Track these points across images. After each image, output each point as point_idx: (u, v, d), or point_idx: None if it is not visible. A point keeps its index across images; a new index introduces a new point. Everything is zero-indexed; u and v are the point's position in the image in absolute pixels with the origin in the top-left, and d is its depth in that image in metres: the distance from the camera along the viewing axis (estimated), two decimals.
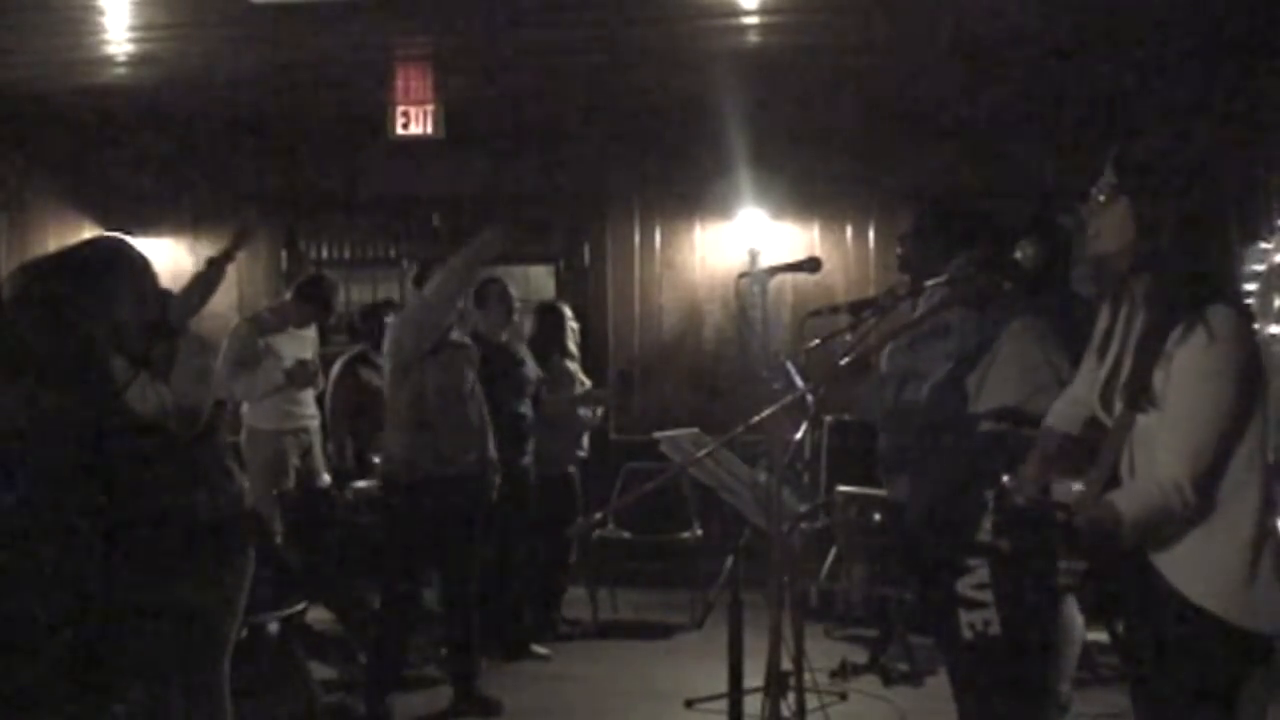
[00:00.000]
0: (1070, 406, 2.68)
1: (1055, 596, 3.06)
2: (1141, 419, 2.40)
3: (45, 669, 2.88)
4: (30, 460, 2.87)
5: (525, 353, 6.16)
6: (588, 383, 6.67)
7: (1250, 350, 2.37)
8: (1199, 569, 2.37)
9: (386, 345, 5.18)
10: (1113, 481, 2.44)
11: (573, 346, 6.62)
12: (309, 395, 6.41)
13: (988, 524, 2.42)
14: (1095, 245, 2.52)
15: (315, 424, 6.45)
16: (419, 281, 5.21)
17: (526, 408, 5.99)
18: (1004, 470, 2.78)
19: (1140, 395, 2.39)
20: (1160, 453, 2.38)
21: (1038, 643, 3.02)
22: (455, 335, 5.23)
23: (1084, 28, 6.19)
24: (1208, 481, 2.35)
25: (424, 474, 4.98)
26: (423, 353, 5.00)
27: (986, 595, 2.87)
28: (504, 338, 6.03)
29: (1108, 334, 2.57)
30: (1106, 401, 2.50)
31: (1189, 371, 2.34)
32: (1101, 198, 2.49)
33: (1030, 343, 2.99)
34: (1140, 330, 2.46)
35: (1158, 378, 2.38)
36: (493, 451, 5.34)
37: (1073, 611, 3.54)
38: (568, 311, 6.76)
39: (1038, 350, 2.98)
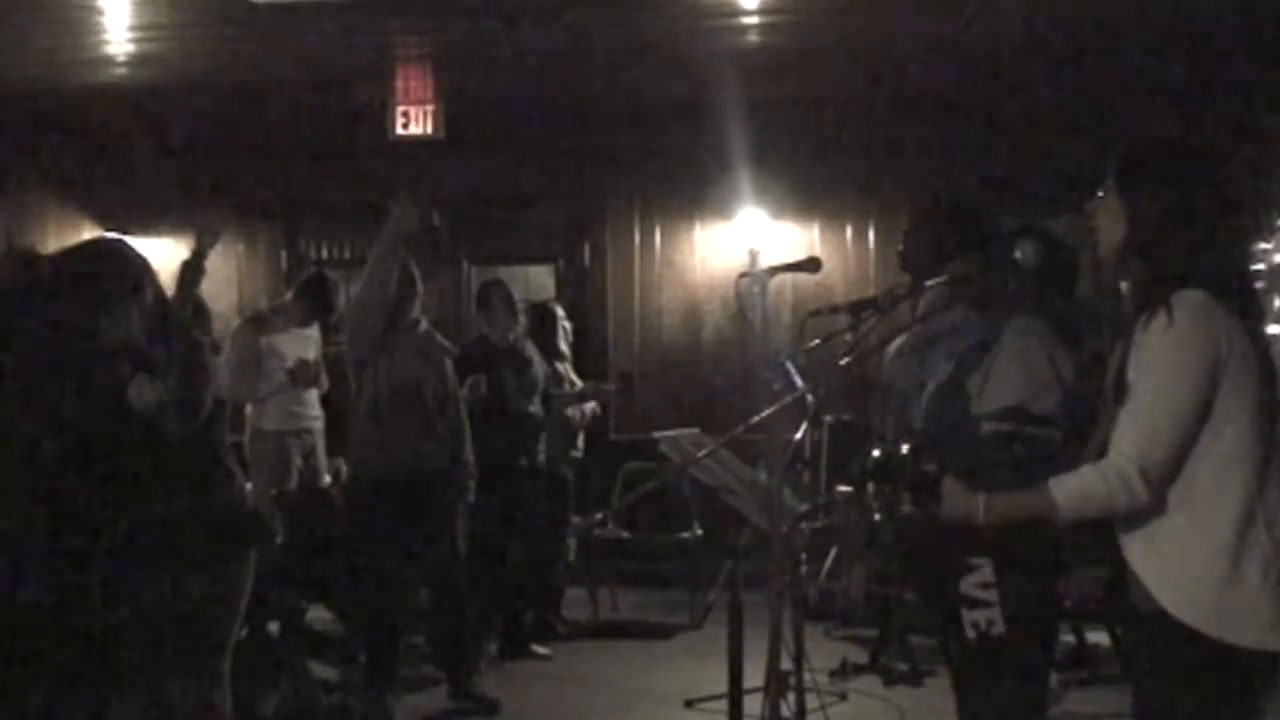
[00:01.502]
0: None
1: (1057, 596, 3.06)
2: (1121, 412, 2.36)
3: (47, 668, 2.89)
4: (32, 460, 2.87)
5: (533, 352, 6.14)
6: (579, 383, 6.65)
7: (1217, 337, 2.27)
8: (1171, 573, 2.30)
9: (345, 344, 5.13)
10: None
11: (564, 347, 6.61)
12: (313, 396, 6.40)
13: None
14: (1097, 241, 2.51)
15: (319, 425, 6.44)
16: None
17: (536, 407, 5.99)
18: (1012, 469, 2.78)
19: (1119, 388, 2.36)
20: (1114, 439, 2.34)
21: (1039, 639, 3.01)
22: (422, 330, 5.17)
23: (1084, 30, 6.19)
24: (1165, 473, 2.28)
25: (383, 475, 4.94)
26: (370, 341, 4.91)
27: (990, 594, 2.87)
28: (511, 339, 6.02)
29: None
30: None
31: (1147, 357, 2.30)
32: (1101, 194, 2.49)
33: (1032, 342, 2.98)
34: (1125, 322, 2.44)
35: (1131, 368, 2.34)
36: (469, 453, 5.27)
37: None
38: (560, 312, 6.75)
39: (1040, 348, 2.98)
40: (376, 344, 4.94)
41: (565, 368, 6.58)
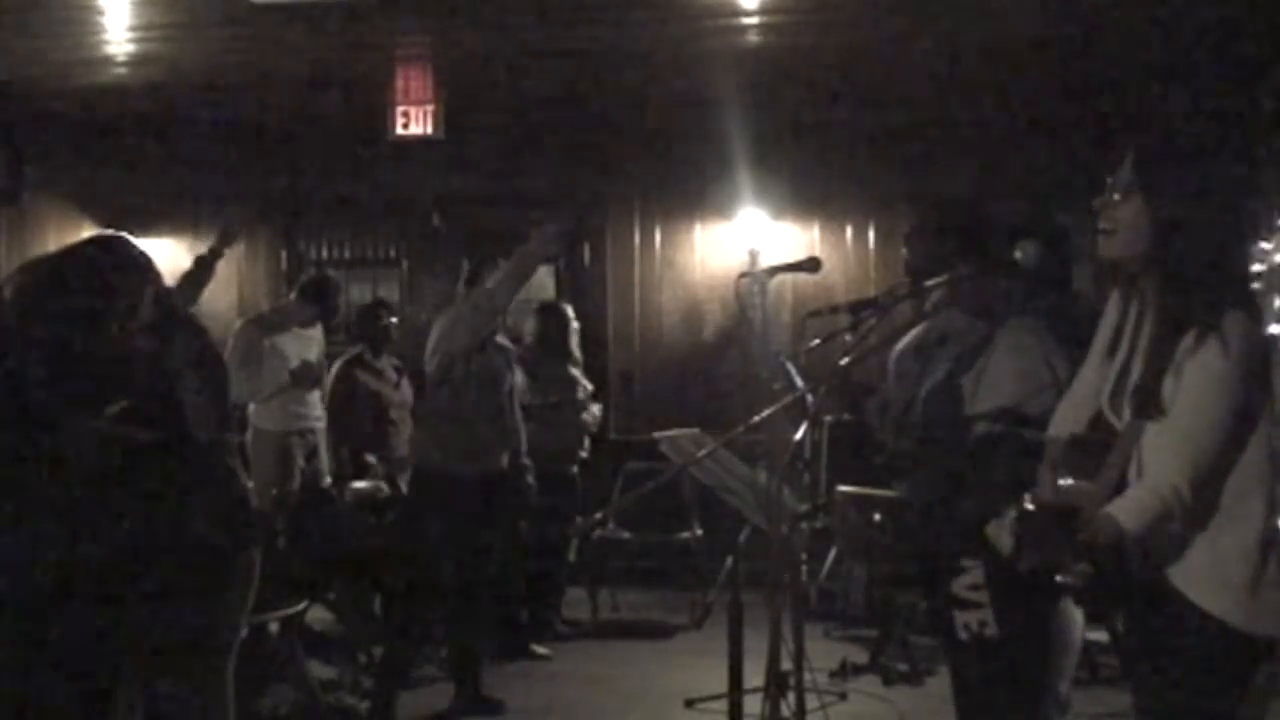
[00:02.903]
0: (1073, 409, 2.63)
1: (1052, 597, 3.06)
2: (1151, 426, 2.38)
3: (48, 669, 2.89)
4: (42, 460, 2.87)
5: (512, 357, 6.12)
6: (589, 386, 6.64)
7: (1261, 357, 2.35)
8: (1204, 573, 2.35)
9: (432, 342, 5.14)
10: (1120, 487, 2.41)
11: (575, 349, 6.60)
12: (315, 396, 6.40)
13: (1002, 536, 2.41)
14: (1108, 243, 2.47)
15: (321, 425, 6.44)
16: (471, 281, 5.22)
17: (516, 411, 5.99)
18: (1005, 470, 2.77)
19: (1149, 403, 2.37)
20: (1160, 454, 2.35)
21: (1034, 642, 3.01)
22: (498, 337, 5.25)
23: (1085, 27, 6.19)
24: (1207, 484, 2.33)
25: (458, 472, 4.99)
26: (472, 350, 5.00)
27: (981, 596, 2.87)
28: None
29: (1117, 331, 2.53)
30: (1115, 402, 2.47)
31: (1200, 381, 2.32)
32: (1116, 195, 2.45)
33: (1027, 342, 2.98)
34: (1151, 335, 2.42)
35: (1167, 385, 2.35)
36: (526, 456, 5.38)
37: (1072, 610, 3.52)
38: (570, 312, 6.75)
39: (1035, 349, 2.97)
40: (474, 349, 5.03)
41: (578, 372, 6.55)
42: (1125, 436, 2.41)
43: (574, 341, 6.58)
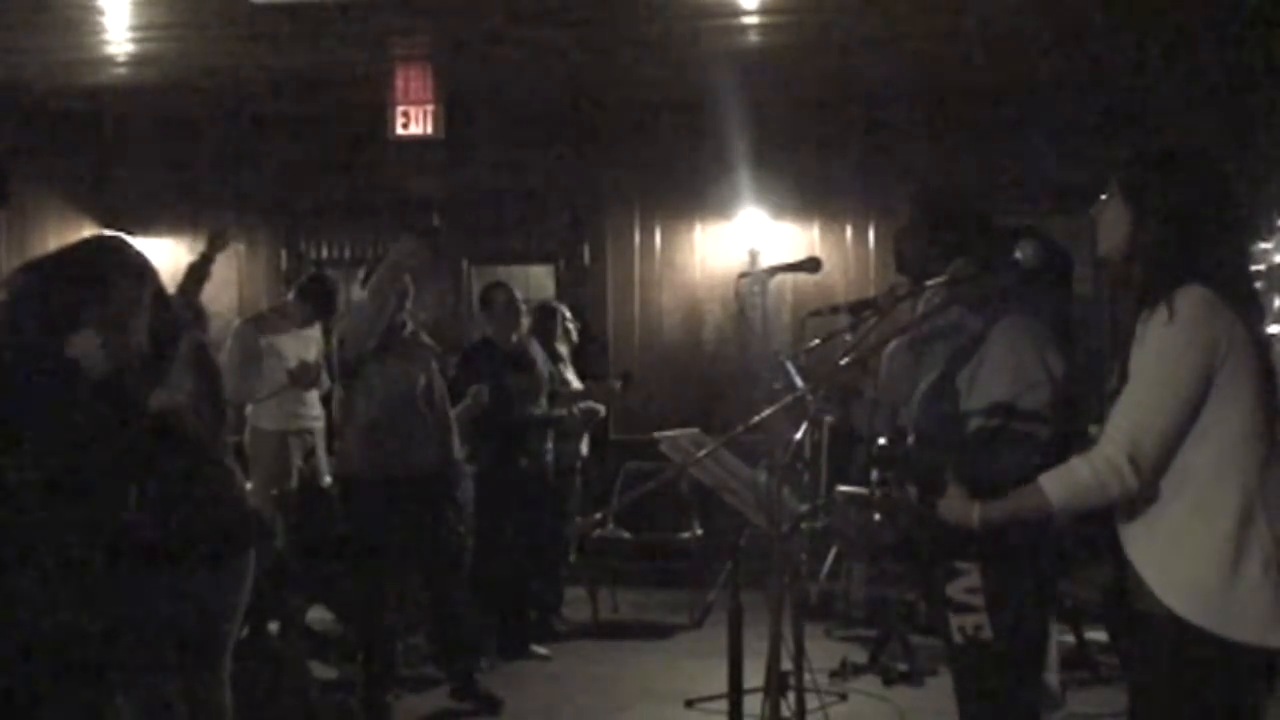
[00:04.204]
0: None
1: (1049, 598, 3.06)
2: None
3: (46, 670, 2.88)
4: (38, 462, 2.87)
5: (537, 352, 6.16)
6: (576, 384, 6.64)
7: (1216, 333, 2.28)
8: (1173, 570, 2.31)
9: (333, 347, 5.16)
10: None
11: (562, 349, 6.59)
12: (314, 396, 6.39)
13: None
14: (1100, 241, 2.53)
15: (320, 425, 6.44)
16: (365, 284, 5.22)
17: (543, 407, 6.01)
18: (1000, 464, 2.77)
19: (1123, 386, 2.37)
20: (1106, 427, 2.35)
21: (1030, 643, 3.00)
22: (408, 332, 5.18)
23: (1084, 26, 6.20)
24: (1156, 463, 2.29)
25: (376, 475, 4.95)
26: (363, 354, 4.96)
27: (977, 599, 2.86)
28: (514, 340, 6.03)
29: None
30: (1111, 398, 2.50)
31: (1146, 349, 2.32)
32: (1104, 197, 2.50)
33: (1022, 338, 2.98)
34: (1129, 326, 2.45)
35: (1131, 362, 2.36)
36: (458, 452, 5.31)
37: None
38: (566, 312, 6.74)
39: (1030, 345, 2.97)
40: (367, 356, 4.98)
41: (561, 368, 6.56)
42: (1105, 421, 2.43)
43: (561, 341, 6.58)
